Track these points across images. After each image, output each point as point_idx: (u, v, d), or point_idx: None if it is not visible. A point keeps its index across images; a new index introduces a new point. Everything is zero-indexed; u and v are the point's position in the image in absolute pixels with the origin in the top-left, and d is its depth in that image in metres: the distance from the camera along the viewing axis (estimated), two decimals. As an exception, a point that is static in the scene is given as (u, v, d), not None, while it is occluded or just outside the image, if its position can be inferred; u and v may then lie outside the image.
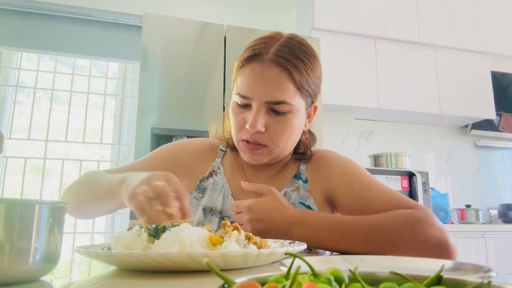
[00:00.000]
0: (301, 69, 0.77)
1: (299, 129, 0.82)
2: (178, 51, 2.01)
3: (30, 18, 2.51)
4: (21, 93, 2.53)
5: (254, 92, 0.76)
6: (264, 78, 0.76)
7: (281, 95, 0.75)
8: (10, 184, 2.41)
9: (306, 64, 0.78)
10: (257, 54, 0.78)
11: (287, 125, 0.77)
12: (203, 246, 0.46)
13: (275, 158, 0.83)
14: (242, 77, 0.78)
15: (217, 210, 0.83)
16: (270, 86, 0.75)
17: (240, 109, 0.79)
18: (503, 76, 3.16)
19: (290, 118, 0.77)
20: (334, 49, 2.55)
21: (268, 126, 0.76)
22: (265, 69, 0.76)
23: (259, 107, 0.76)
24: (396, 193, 0.77)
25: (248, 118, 0.76)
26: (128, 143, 2.58)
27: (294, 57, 0.77)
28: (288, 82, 0.76)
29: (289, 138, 0.80)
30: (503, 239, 2.32)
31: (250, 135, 0.77)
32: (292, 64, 0.76)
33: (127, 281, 0.39)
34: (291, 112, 0.77)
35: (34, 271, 0.37)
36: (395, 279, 0.24)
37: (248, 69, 0.78)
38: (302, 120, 0.82)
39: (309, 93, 0.80)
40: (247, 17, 2.98)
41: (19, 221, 0.35)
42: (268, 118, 0.76)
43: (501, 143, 3.15)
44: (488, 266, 0.33)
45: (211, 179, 0.88)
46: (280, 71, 0.76)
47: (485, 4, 2.97)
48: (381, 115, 2.82)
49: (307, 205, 0.83)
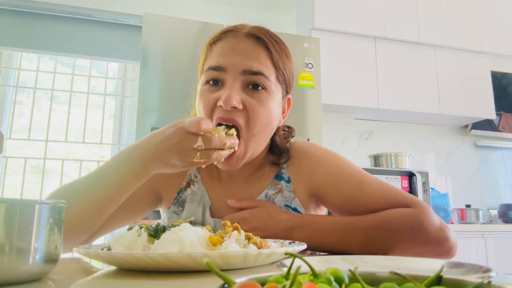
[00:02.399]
0: (277, 48, 0.72)
1: (275, 118, 0.73)
2: (178, 51, 2.01)
3: (30, 18, 2.51)
4: (21, 93, 2.53)
5: (228, 61, 0.68)
6: (239, 49, 0.69)
7: (258, 65, 0.68)
8: (10, 184, 2.41)
9: (281, 47, 0.74)
10: (230, 31, 0.72)
11: (265, 105, 0.69)
12: (203, 246, 0.46)
13: (251, 155, 0.72)
14: (214, 51, 0.71)
15: (198, 223, 0.75)
16: (247, 55, 0.68)
17: (210, 88, 0.69)
18: (503, 76, 3.15)
19: (267, 98, 0.69)
20: (334, 49, 2.55)
21: (245, 104, 0.67)
22: (241, 41, 0.70)
23: (234, 79, 0.67)
24: (387, 189, 0.71)
25: (221, 94, 0.67)
26: (128, 143, 2.58)
27: (270, 36, 0.73)
28: (265, 55, 0.70)
29: (266, 126, 0.70)
30: (503, 239, 2.32)
31: (224, 113, 0.66)
32: (269, 40, 0.71)
33: (127, 281, 0.38)
34: (268, 91, 0.69)
35: (34, 271, 0.37)
36: (395, 279, 0.24)
37: (221, 43, 0.71)
38: (278, 109, 0.74)
39: (284, 79, 0.74)
40: (247, 17, 2.98)
41: (19, 221, 0.35)
42: (244, 95, 0.68)
43: (501, 143, 3.15)
44: (488, 266, 0.33)
45: (189, 190, 0.79)
46: (257, 43, 0.70)
47: (485, 4, 2.97)
48: (381, 115, 2.82)
49: (293, 207, 0.76)
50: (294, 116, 2.05)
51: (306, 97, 2.10)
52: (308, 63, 2.13)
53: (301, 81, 2.10)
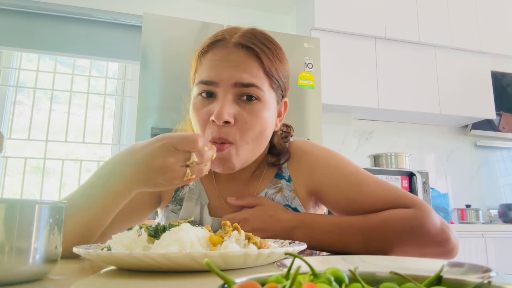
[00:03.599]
0: (269, 55, 0.70)
1: (270, 126, 0.72)
2: (178, 51, 2.01)
3: (30, 18, 2.51)
4: (21, 93, 2.53)
5: (219, 75, 0.67)
6: (229, 60, 0.68)
7: (250, 77, 0.67)
8: (10, 184, 2.41)
9: (273, 52, 0.72)
10: (220, 40, 0.71)
11: (258, 116, 0.68)
12: (203, 246, 0.46)
13: (246, 161, 0.71)
14: (204, 64, 0.70)
15: (196, 222, 0.74)
16: (237, 67, 0.67)
17: (203, 101, 0.69)
18: (503, 76, 3.15)
19: (261, 109, 0.68)
20: (334, 49, 2.55)
21: (237, 117, 0.66)
22: (230, 52, 0.68)
23: (226, 92, 0.66)
24: (388, 189, 0.70)
25: (214, 109, 0.66)
26: (128, 143, 2.58)
27: (261, 43, 0.70)
28: (257, 65, 0.68)
29: (260, 135, 0.70)
30: (503, 239, 2.32)
31: (216, 131, 0.66)
32: (259, 48, 0.69)
33: (127, 281, 0.38)
34: (261, 101, 0.68)
35: (34, 271, 0.37)
36: (395, 279, 0.24)
37: (210, 54, 0.70)
38: (273, 117, 0.73)
39: (279, 84, 0.73)
40: (247, 17, 2.97)
41: (19, 221, 0.35)
42: (237, 108, 0.67)
43: (501, 143, 3.14)
44: (488, 266, 0.33)
45: (187, 187, 0.78)
46: (247, 54, 0.69)
47: (485, 4, 2.97)
48: (381, 115, 2.82)
49: (294, 207, 0.75)
50: (294, 116, 2.05)
51: (306, 97, 2.10)
52: (308, 63, 2.13)
53: (301, 81, 2.10)
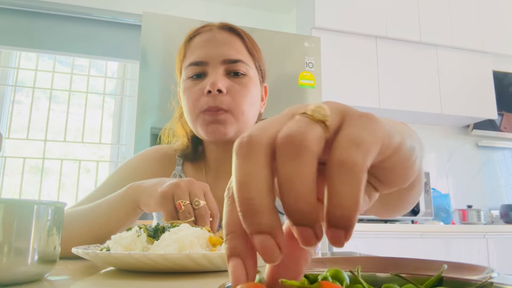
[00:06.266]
0: (249, 38, 0.78)
1: (257, 103, 0.78)
2: (177, 50, 2.00)
3: (29, 17, 2.51)
4: (20, 93, 2.53)
5: (208, 54, 0.73)
6: (216, 40, 0.75)
7: (236, 53, 0.74)
8: (8, 184, 2.41)
9: (250, 38, 0.79)
10: (204, 27, 0.78)
11: (248, 89, 0.74)
12: (202, 246, 0.46)
13: (238, 131, 0.73)
14: (192, 47, 0.77)
15: None
16: (224, 46, 0.74)
17: (194, 82, 0.74)
18: (505, 76, 3.15)
19: (248, 83, 0.74)
20: (335, 48, 2.55)
21: (229, 89, 0.72)
22: (216, 33, 0.76)
23: (216, 69, 0.72)
24: None
25: (206, 83, 0.71)
26: (127, 143, 2.58)
27: (240, 29, 0.79)
28: (241, 44, 0.76)
29: (251, 105, 0.75)
30: (505, 240, 2.32)
31: (210, 101, 0.70)
32: (240, 30, 0.78)
33: (126, 282, 0.38)
34: (248, 76, 0.74)
35: (32, 272, 0.37)
36: (396, 280, 0.23)
37: (197, 38, 0.77)
38: (259, 94, 0.79)
39: (260, 65, 0.79)
40: (247, 16, 2.97)
41: (17, 221, 0.35)
42: (228, 81, 0.73)
43: (502, 143, 3.14)
44: (489, 266, 0.32)
45: None
46: (231, 34, 0.76)
47: (487, 3, 2.97)
48: (381, 115, 2.78)
49: None
50: (294, 115, 2.04)
51: (307, 96, 2.10)
52: (308, 62, 2.12)
53: (301, 80, 2.09)
